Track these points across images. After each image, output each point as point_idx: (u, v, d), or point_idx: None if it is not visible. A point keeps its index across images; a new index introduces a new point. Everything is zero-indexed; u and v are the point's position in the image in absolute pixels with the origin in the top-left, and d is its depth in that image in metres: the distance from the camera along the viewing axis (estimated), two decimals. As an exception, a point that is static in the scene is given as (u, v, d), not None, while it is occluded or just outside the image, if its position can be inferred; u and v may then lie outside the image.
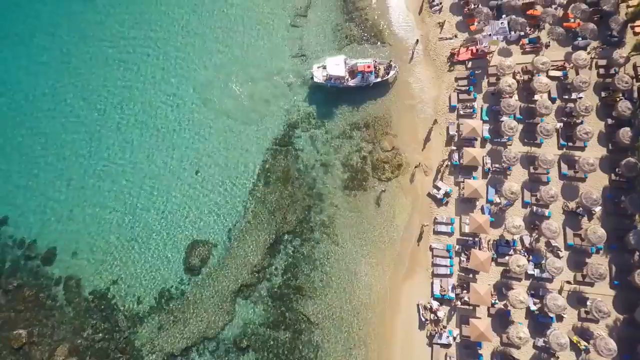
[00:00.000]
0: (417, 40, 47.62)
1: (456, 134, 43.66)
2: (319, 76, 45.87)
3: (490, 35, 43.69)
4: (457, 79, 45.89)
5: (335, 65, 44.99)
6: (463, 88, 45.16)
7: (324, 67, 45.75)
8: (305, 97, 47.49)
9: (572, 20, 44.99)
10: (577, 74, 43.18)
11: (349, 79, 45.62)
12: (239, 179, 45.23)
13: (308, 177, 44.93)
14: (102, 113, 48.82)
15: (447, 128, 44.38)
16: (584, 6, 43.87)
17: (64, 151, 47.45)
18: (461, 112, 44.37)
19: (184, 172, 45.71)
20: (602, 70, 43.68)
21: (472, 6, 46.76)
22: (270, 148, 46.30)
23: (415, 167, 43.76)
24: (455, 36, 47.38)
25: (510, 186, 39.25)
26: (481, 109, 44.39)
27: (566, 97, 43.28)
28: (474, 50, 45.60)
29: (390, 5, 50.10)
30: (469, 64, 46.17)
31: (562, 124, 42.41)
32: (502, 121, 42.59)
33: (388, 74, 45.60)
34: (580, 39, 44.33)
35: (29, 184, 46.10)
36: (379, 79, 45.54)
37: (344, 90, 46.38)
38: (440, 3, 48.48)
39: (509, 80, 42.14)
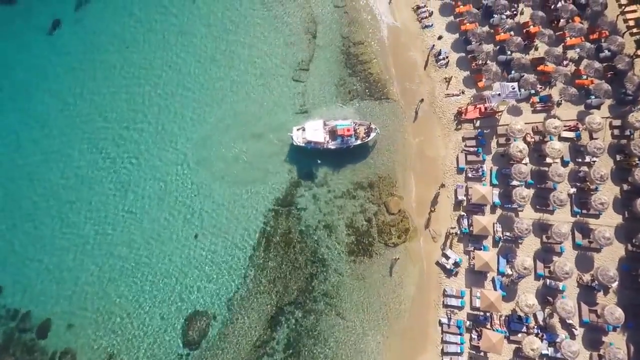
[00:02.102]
0: (422, 100, 46.02)
1: (465, 198, 42.01)
2: (298, 139, 44.41)
3: (499, 95, 42.06)
4: (464, 139, 44.27)
5: (314, 131, 43.80)
6: (471, 149, 43.51)
7: (304, 129, 44.34)
8: (307, 154, 45.87)
9: (585, 77, 43.37)
10: (591, 137, 41.53)
11: (330, 140, 44.25)
12: (239, 243, 43.71)
13: (311, 241, 43.35)
14: (97, 181, 47.42)
15: (455, 191, 42.72)
16: (597, 65, 42.22)
17: (59, 220, 46.08)
18: (469, 175, 42.72)
19: (182, 237, 44.18)
20: (616, 131, 42.04)
21: (480, 61, 45.20)
22: (271, 209, 44.78)
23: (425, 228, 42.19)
24: (463, 92, 45.80)
25: (523, 261, 37.49)
26: (490, 171, 42.73)
27: (579, 160, 41.57)
28: (482, 109, 44.02)
29: (394, 59, 48.47)
30: (477, 123, 44.57)
31: (575, 190, 40.69)
32: (513, 185, 41.08)
33: (368, 136, 44.15)
34: (593, 97, 42.68)
35: (23, 252, 44.70)
36: (359, 142, 44.07)
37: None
38: (447, 57, 46.89)
39: (520, 146, 40.49)
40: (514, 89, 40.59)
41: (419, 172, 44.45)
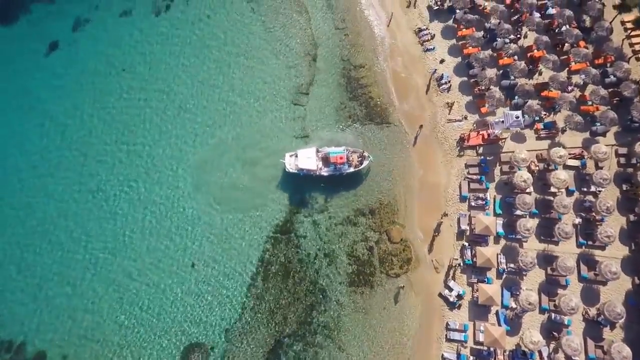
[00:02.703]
0: (421, 126, 45.26)
1: (468, 228, 41.17)
2: (291, 165, 43.66)
3: (502, 122, 41.25)
4: (467, 166, 43.43)
5: (306, 158, 43.11)
6: (474, 177, 42.66)
7: (297, 156, 43.68)
8: (306, 180, 45.03)
9: (590, 103, 42.56)
10: (597, 166, 40.71)
11: (323, 167, 43.55)
12: (237, 273, 42.84)
13: (310, 270, 42.54)
14: (96, 206, 46.59)
15: (458, 220, 41.86)
16: (602, 92, 41.41)
17: (54, 249, 45.37)
18: (472, 204, 41.90)
19: (178, 266, 43.34)
20: (622, 160, 41.23)
21: (483, 87, 44.42)
22: (270, 236, 43.93)
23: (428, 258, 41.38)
24: (465, 118, 45.00)
25: (528, 296, 36.62)
26: (494, 200, 41.92)
27: (585, 189, 40.73)
28: (485, 136, 43.24)
29: (395, 83, 47.67)
30: (480, 150, 43.78)
31: (580, 220, 39.84)
32: (517, 215, 40.31)
33: (361, 163, 43.42)
34: (598, 124, 41.87)
35: (19, 280, 44.03)
36: (352, 169, 43.35)
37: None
38: (449, 82, 46.12)
39: (524, 175, 39.66)
40: (517, 117, 39.78)
41: (421, 200, 43.59)
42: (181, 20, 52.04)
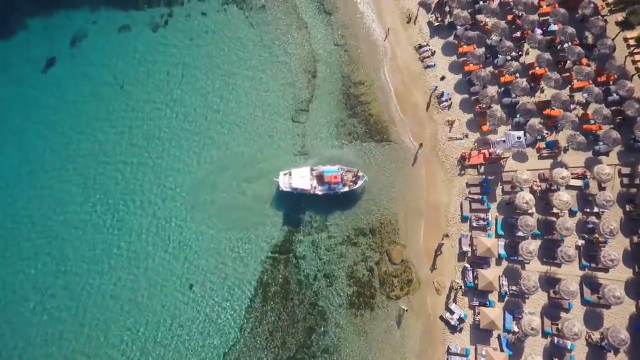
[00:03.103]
0: (421, 144, 44.78)
1: (469, 249, 40.64)
2: (285, 184, 43.14)
3: (504, 141, 40.74)
4: (468, 185, 42.92)
5: (300, 178, 42.68)
6: (475, 196, 42.14)
7: (291, 175, 43.26)
8: (305, 198, 44.40)
9: (593, 122, 42.04)
10: (600, 187, 40.19)
11: (317, 186, 43.12)
12: (236, 294, 42.27)
13: (310, 291, 41.99)
14: (94, 226, 45.86)
15: (460, 241, 41.32)
16: (605, 111, 40.92)
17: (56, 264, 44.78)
18: (474, 224, 41.39)
19: (176, 288, 42.78)
20: (625, 180, 40.70)
21: (484, 105, 43.88)
22: (269, 256, 43.35)
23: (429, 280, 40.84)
24: (466, 136, 44.48)
25: (530, 321, 36.07)
26: (496, 220, 41.39)
27: (588, 209, 40.19)
28: (487, 155, 42.70)
29: (395, 100, 47.11)
30: (481, 169, 43.26)
31: (583, 242, 39.31)
32: (519, 236, 39.82)
33: (356, 183, 42.94)
34: (601, 143, 41.35)
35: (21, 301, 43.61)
36: (346, 189, 42.88)
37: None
38: (450, 99, 45.61)
39: (526, 197, 39.14)
40: (519, 138, 39.27)
41: (422, 219, 43.07)
42: (180, 36, 51.35)
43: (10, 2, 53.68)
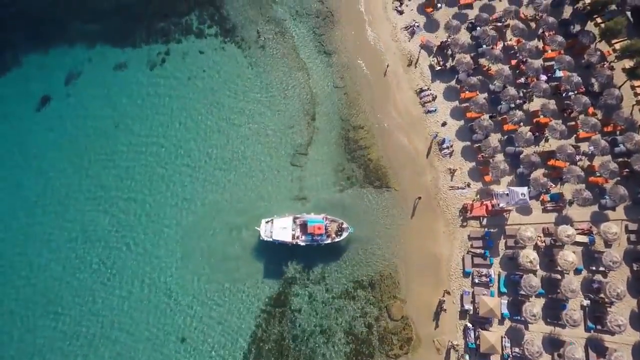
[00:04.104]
0: (420, 197, 43.56)
1: (471, 307, 39.35)
2: (266, 232, 41.82)
3: (507, 194, 39.49)
4: (470, 238, 41.68)
5: (281, 229, 41.52)
6: (478, 251, 40.92)
7: (273, 224, 42.09)
8: (303, 246, 43.14)
9: (599, 174, 40.79)
10: (606, 244, 38.91)
11: (300, 236, 41.83)
12: (228, 350, 40.96)
13: (306, 349, 40.67)
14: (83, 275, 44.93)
15: (461, 297, 40.04)
16: (612, 165, 39.68)
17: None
18: (476, 281, 40.12)
19: (168, 341, 41.54)
20: (633, 236, 39.41)
21: (486, 155, 42.66)
22: (263, 309, 42.11)
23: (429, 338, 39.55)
24: (468, 185, 43.27)
25: (534, 390, 34.78)
26: (498, 276, 40.11)
27: (593, 268, 38.91)
28: (489, 206, 41.48)
29: (395, 146, 45.95)
30: (484, 221, 42.03)
31: (589, 302, 37.99)
32: (522, 294, 38.51)
33: (340, 235, 41.68)
34: (607, 198, 40.10)
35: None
36: (329, 240, 41.63)
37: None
38: (451, 146, 44.44)
39: (530, 256, 37.88)
40: (523, 195, 38.00)
41: (423, 273, 41.76)
42: (177, 75, 50.35)
43: (6, 38, 52.88)
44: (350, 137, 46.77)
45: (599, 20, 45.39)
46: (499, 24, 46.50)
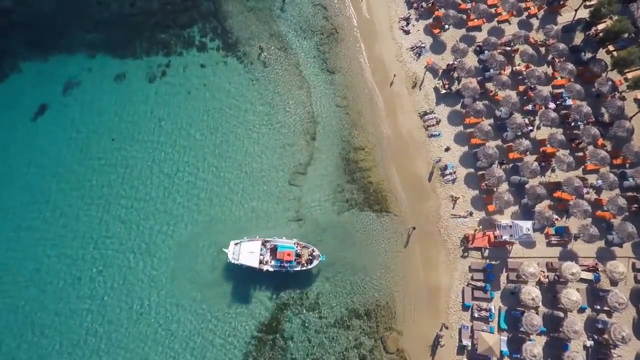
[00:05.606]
0: (414, 227, 42.34)
1: (470, 343, 37.90)
2: (234, 255, 40.20)
3: (510, 226, 38.22)
4: (471, 270, 40.31)
5: (248, 253, 40.04)
6: (478, 283, 39.53)
7: (240, 246, 40.68)
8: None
9: (606, 209, 39.38)
10: (612, 283, 37.44)
11: (269, 260, 40.34)
12: (218, 378, 39.75)
13: (298, 378, 39.42)
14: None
15: (460, 331, 38.65)
16: (621, 201, 38.24)
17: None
18: (476, 315, 38.70)
19: (156, 369, 40.35)
20: (640, 275, 37.97)
21: (490, 184, 41.33)
22: (254, 336, 40.66)
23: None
24: (470, 214, 41.94)
25: None
26: (499, 312, 38.66)
27: (598, 307, 37.43)
28: (492, 238, 40.10)
29: (397, 169, 44.73)
30: (485, 252, 40.66)
31: (592, 342, 36.50)
32: (523, 331, 37.03)
33: (311, 263, 40.32)
34: (615, 234, 38.65)
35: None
36: (299, 268, 40.26)
37: (338, 263, 41.34)
38: (454, 172, 43.16)
39: (533, 293, 36.48)
40: (528, 231, 36.71)
41: (421, 303, 40.46)
42: (176, 89, 49.23)
43: (5, 46, 52.10)
44: (351, 158, 45.68)
45: (611, 48, 44.07)
46: (508, 48, 45.34)
